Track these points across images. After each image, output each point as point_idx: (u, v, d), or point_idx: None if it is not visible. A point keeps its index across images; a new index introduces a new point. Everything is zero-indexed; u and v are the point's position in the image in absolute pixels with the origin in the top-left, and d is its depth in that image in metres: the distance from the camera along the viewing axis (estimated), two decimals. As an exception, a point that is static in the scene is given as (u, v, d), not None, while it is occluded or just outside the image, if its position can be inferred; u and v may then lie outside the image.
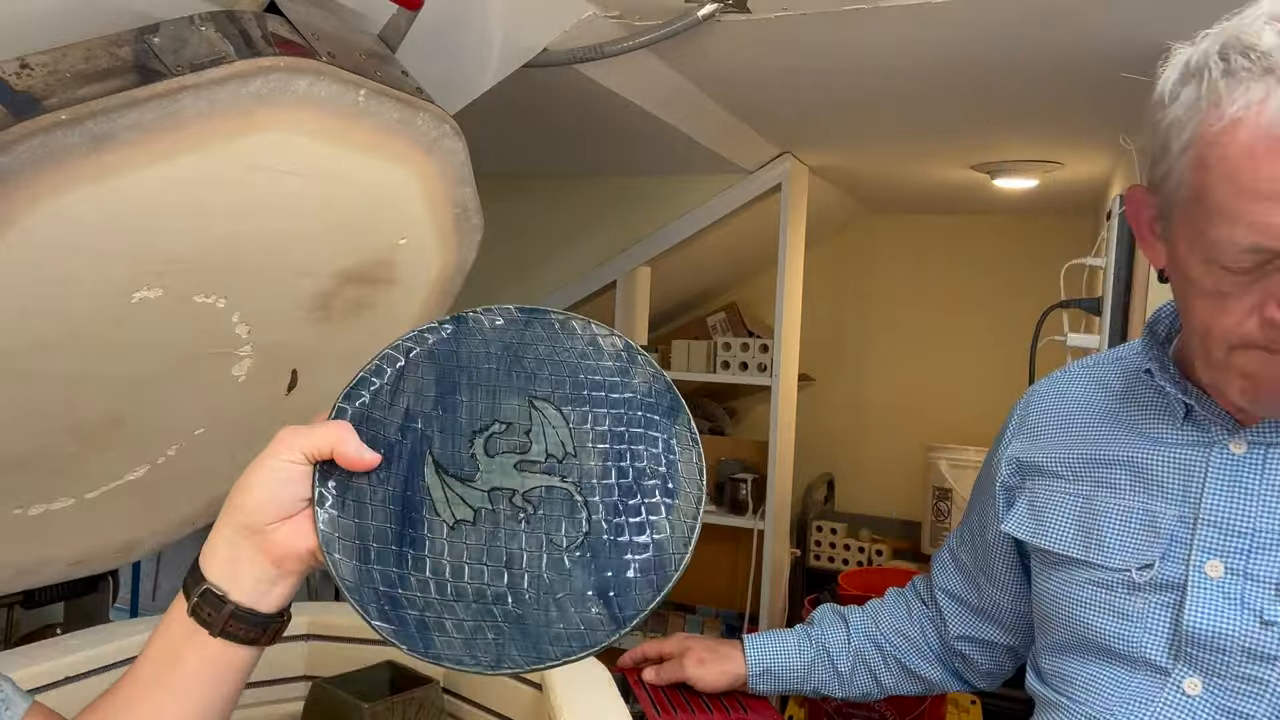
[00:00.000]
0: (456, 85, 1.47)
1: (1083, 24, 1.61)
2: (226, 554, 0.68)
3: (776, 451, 2.96)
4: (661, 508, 0.71)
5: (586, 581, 0.69)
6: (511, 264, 3.26)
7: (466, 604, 0.68)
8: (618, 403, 0.73)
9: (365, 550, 0.68)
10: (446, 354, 0.74)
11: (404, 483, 0.71)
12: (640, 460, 0.72)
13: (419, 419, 0.73)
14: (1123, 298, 1.70)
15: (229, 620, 0.67)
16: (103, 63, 0.90)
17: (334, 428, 0.69)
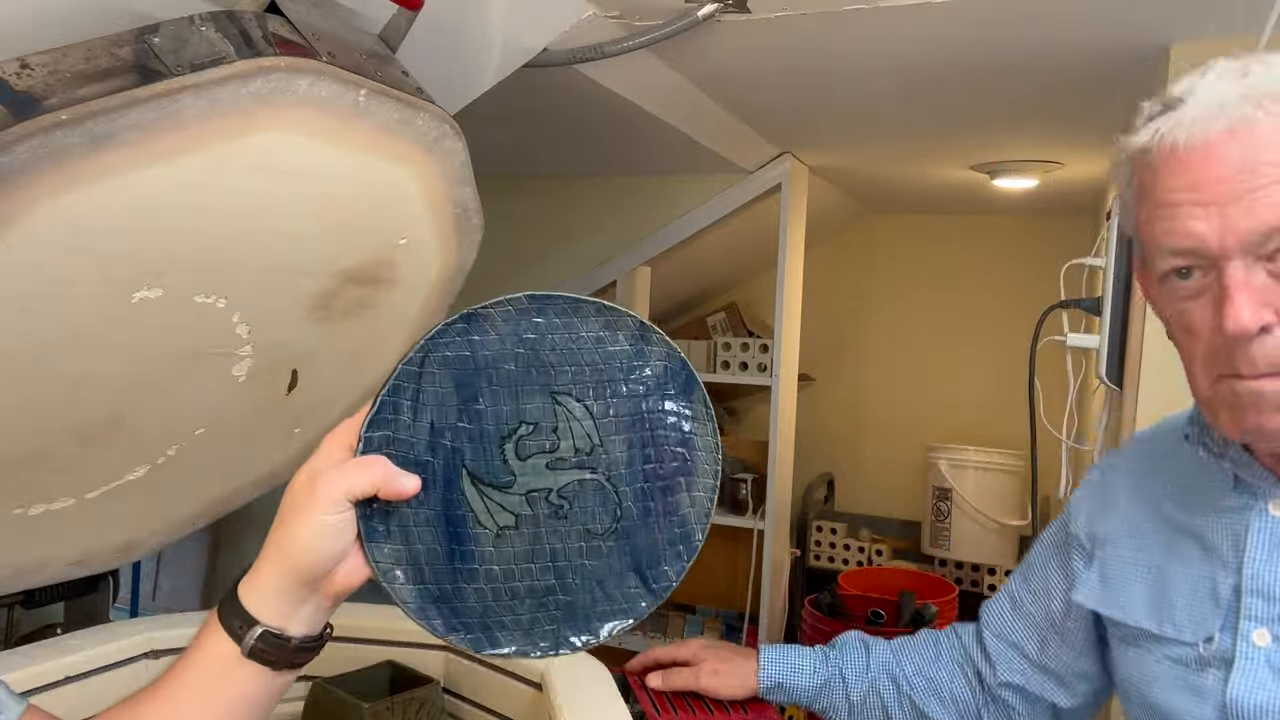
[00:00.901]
0: (456, 85, 1.47)
1: (1083, 24, 1.61)
2: (279, 599, 0.69)
3: (776, 451, 2.96)
4: (683, 482, 0.76)
5: (624, 562, 0.75)
6: (511, 264, 3.26)
7: (521, 600, 0.73)
8: (635, 386, 0.76)
9: (420, 571, 0.71)
10: (462, 359, 0.73)
11: (444, 500, 0.72)
12: (661, 440, 0.76)
13: (447, 433, 0.73)
14: (1123, 298, 1.70)
15: (294, 654, 0.69)
16: (103, 63, 0.90)
17: (371, 467, 0.68)
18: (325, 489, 0.67)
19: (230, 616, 0.68)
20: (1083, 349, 1.80)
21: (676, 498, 0.76)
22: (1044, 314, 1.84)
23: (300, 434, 1.49)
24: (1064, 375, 1.85)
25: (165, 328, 1.12)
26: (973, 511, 3.41)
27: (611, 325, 0.75)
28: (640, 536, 0.75)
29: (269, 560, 0.69)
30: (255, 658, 0.68)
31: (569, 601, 0.74)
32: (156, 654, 1.33)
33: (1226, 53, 1.61)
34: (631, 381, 0.76)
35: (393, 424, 0.71)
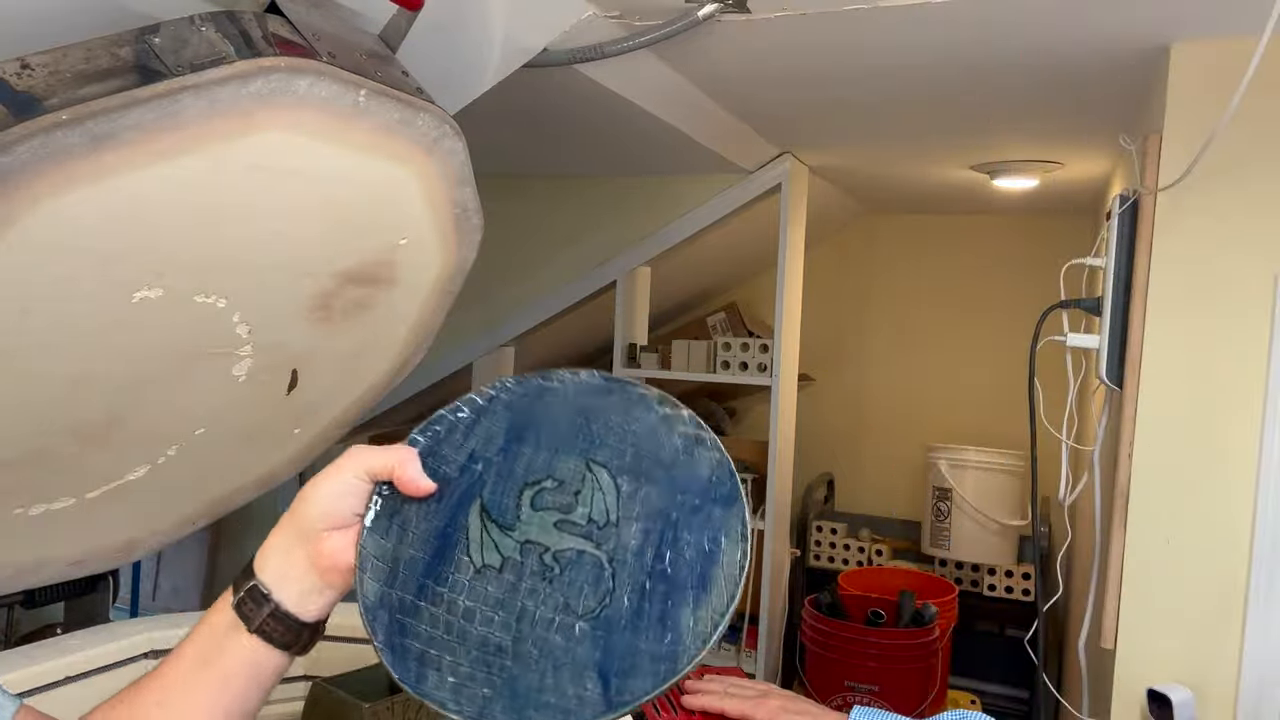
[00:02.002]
0: (456, 85, 1.47)
1: (1083, 24, 1.61)
2: (280, 558, 0.71)
3: (776, 451, 2.96)
4: (690, 600, 0.68)
5: (591, 657, 0.67)
6: (511, 264, 3.26)
7: (468, 649, 0.68)
8: (675, 483, 0.72)
9: (393, 575, 0.70)
10: (524, 408, 0.75)
11: (449, 519, 0.72)
12: (682, 546, 0.70)
13: (480, 462, 0.74)
14: (1123, 298, 1.70)
15: (267, 619, 0.69)
16: (103, 63, 0.90)
17: (399, 451, 0.71)
18: (352, 454, 0.71)
19: (240, 576, 0.71)
20: (1083, 349, 1.80)
21: (678, 611, 0.68)
22: (1044, 314, 1.84)
23: (300, 434, 1.49)
24: (1064, 375, 1.85)
25: (165, 328, 1.12)
26: (973, 511, 3.41)
27: (669, 422, 0.74)
28: (621, 636, 0.67)
29: (283, 519, 0.72)
30: (238, 610, 0.69)
31: (514, 675, 0.67)
32: (156, 654, 1.33)
33: (1226, 53, 1.62)
34: (673, 477, 0.72)
35: (440, 437, 0.74)
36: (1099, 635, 1.75)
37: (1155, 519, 1.70)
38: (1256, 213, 1.63)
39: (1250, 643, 1.63)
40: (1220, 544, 1.65)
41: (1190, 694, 1.63)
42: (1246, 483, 1.64)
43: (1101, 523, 1.84)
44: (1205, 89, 1.62)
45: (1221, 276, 1.65)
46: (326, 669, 1.38)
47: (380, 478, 0.71)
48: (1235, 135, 1.57)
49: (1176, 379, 1.69)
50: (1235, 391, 1.65)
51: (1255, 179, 1.62)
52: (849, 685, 2.69)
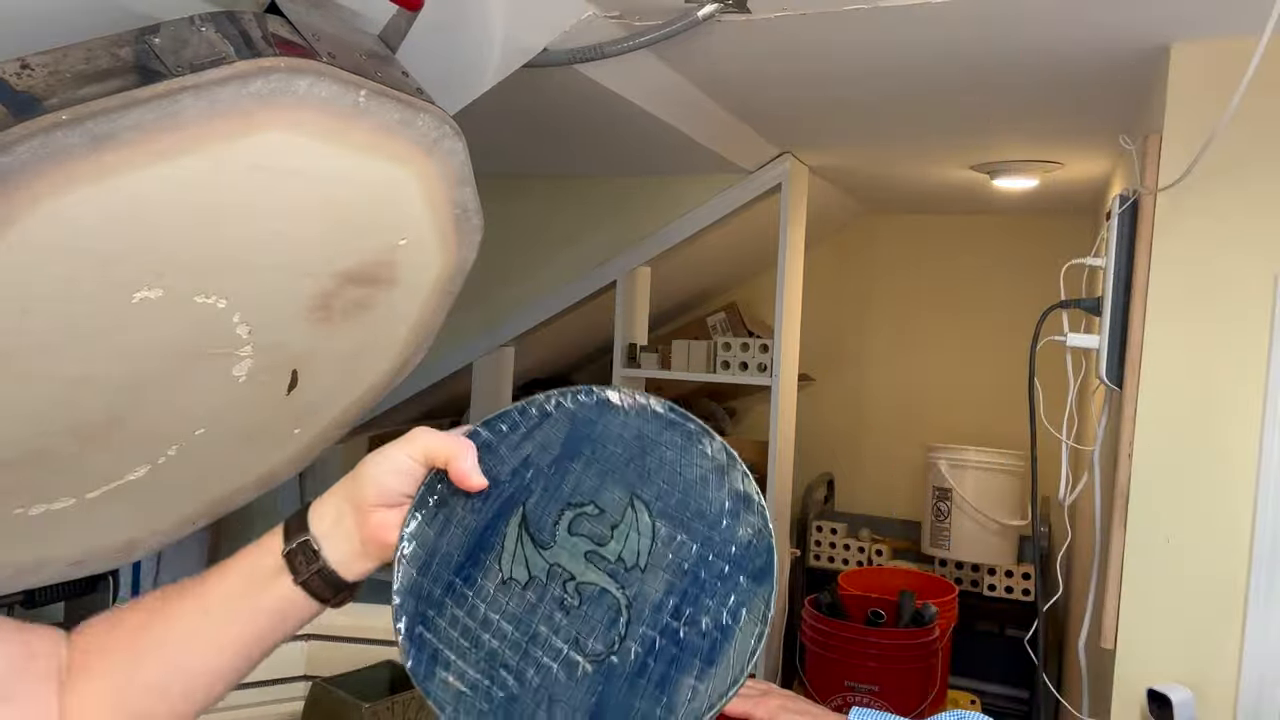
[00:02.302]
0: (456, 85, 1.47)
1: (1083, 24, 1.61)
2: (333, 517, 0.73)
3: (776, 451, 2.96)
4: (694, 672, 0.68)
5: (586, 701, 0.68)
6: (512, 264, 3.26)
7: (478, 659, 0.69)
8: (712, 541, 0.71)
9: (428, 565, 0.71)
10: (585, 421, 0.75)
11: (490, 522, 0.73)
12: (702, 610, 0.69)
13: (531, 470, 0.74)
14: (1123, 298, 1.70)
15: (314, 575, 0.72)
16: (103, 63, 0.90)
17: (459, 442, 0.73)
18: (414, 435, 0.73)
19: (291, 521, 0.74)
20: (1083, 349, 1.80)
21: (680, 678, 0.67)
22: (1044, 314, 1.84)
23: (300, 434, 1.49)
24: (1064, 375, 1.85)
25: (165, 328, 1.12)
26: (973, 511, 3.41)
27: (722, 472, 0.73)
28: (618, 689, 0.68)
29: (341, 483, 0.75)
30: (288, 559, 0.72)
31: (513, 696, 0.68)
32: (156, 654, 1.33)
33: (1226, 53, 1.62)
34: (711, 536, 0.71)
35: (501, 435, 0.75)
36: (1099, 635, 1.75)
37: (1155, 519, 1.70)
38: (1256, 213, 1.63)
39: (1250, 643, 1.63)
40: (1220, 544, 1.66)
41: (1190, 694, 1.63)
42: (1246, 483, 1.64)
43: (1101, 523, 1.84)
44: (1205, 89, 1.62)
45: (1221, 277, 1.65)
46: (326, 669, 1.38)
47: (437, 464, 0.72)
48: (1235, 135, 1.57)
49: (1176, 379, 1.69)
50: (1235, 391, 1.65)
51: (1255, 179, 1.62)
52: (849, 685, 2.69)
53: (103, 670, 0.72)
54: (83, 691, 0.71)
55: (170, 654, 0.72)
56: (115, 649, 0.72)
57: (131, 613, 0.74)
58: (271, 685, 1.40)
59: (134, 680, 0.72)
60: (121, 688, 0.72)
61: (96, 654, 0.72)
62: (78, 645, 0.73)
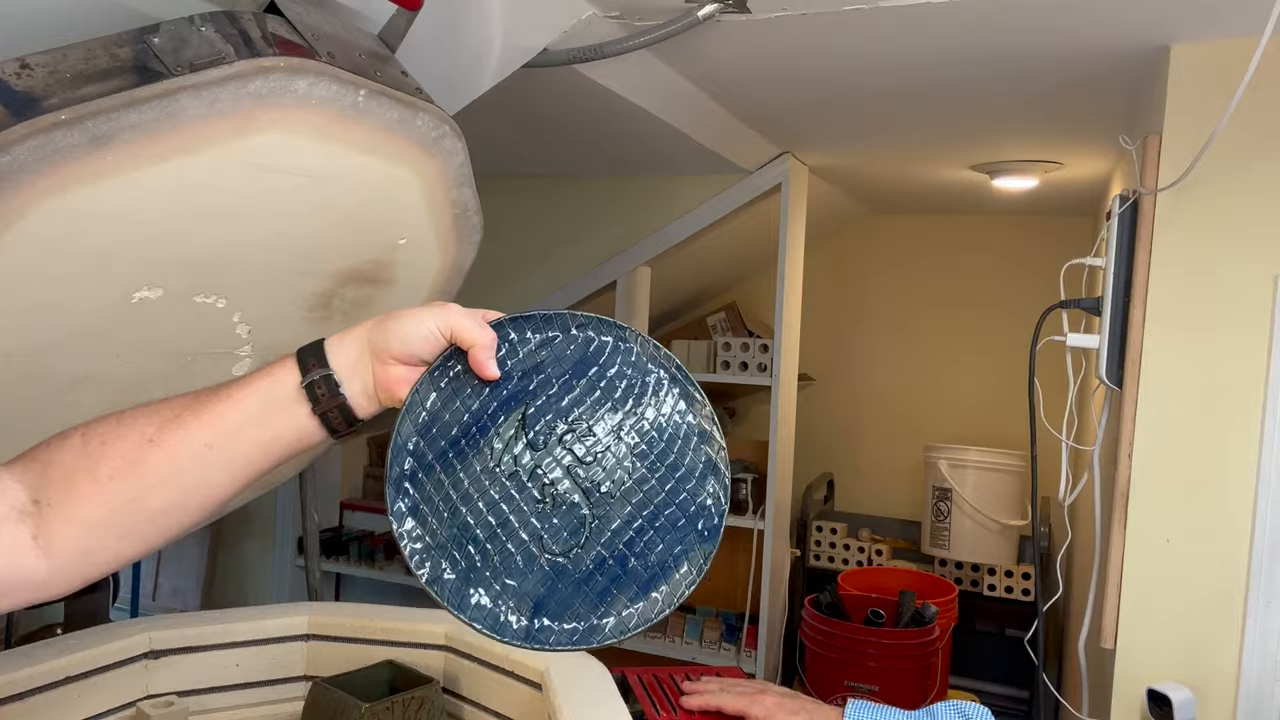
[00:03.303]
0: (456, 85, 1.47)
1: (1083, 24, 1.61)
2: (354, 356, 0.77)
3: (776, 451, 2.96)
4: (631, 593, 0.78)
5: (536, 590, 0.77)
6: (512, 264, 3.26)
7: (452, 525, 0.76)
8: (677, 494, 0.79)
9: (428, 428, 0.77)
10: (601, 351, 0.81)
11: (491, 410, 0.78)
12: (651, 547, 0.78)
13: (540, 376, 0.79)
14: (1123, 298, 1.70)
15: (334, 407, 0.75)
16: (103, 63, 0.90)
17: (484, 331, 0.77)
18: (442, 311, 0.77)
19: (307, 354, 0.77)
20: (1083, 349, 1.80)
21: (618, 595, 0.77)
22: (1044, 314, 1.84)
23: (300, 434, 1.49)
24: (1064, 375, 1.85)
25: (165, 328, 1.12)
26: (973, 511, 3.41)
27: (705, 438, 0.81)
28: (564, 587, 0.77)
29: (363, 326, 0.78)
30: (309, 390, 0.74)
31: (474, 565, 0.76)
32: (156, 654, 1.33)
33: (1226, 53, 1.62)
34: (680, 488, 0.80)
35: (521, 337, 0.80)
36: (1099, 635, 1.75)
37: (1155, 519, 1.70)
38: (1256, 213, 1.63)
39: (1250, 643, 1.63)
40: (1220, 544, 1.66)
41: (1190, 694, 1.63)
42: (1246, 483, 1.64)
43: (1101, 523, 1.84)
44: (1205, 89, 1.62)
45: (1221, 277, 1.65)
46: (326, 669, 1.38)
47: (460, 345, 0.76)
48: (1235, 135, 1.57)
49: (1176, 379, 1.69)
50: (1235, 391, 1.65)
51: (1255, 179, 1.62)
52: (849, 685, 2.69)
53: (97, 495, 0.70)
54: (75, 514, 0.70)
55: (180, 483, 0.73)
56: (108, 475, 0.71)
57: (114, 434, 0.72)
58: (271, 685, 1.40)
59: (139, 505, 0.72)
60: (121, 510, 0.71)
61: (85, 478, 0.70)
62: (51, 465, 0.71)
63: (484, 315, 0.79)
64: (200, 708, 1.35)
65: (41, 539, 0.70)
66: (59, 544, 0.70)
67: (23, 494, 0.70)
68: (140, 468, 0.71)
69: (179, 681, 1.34)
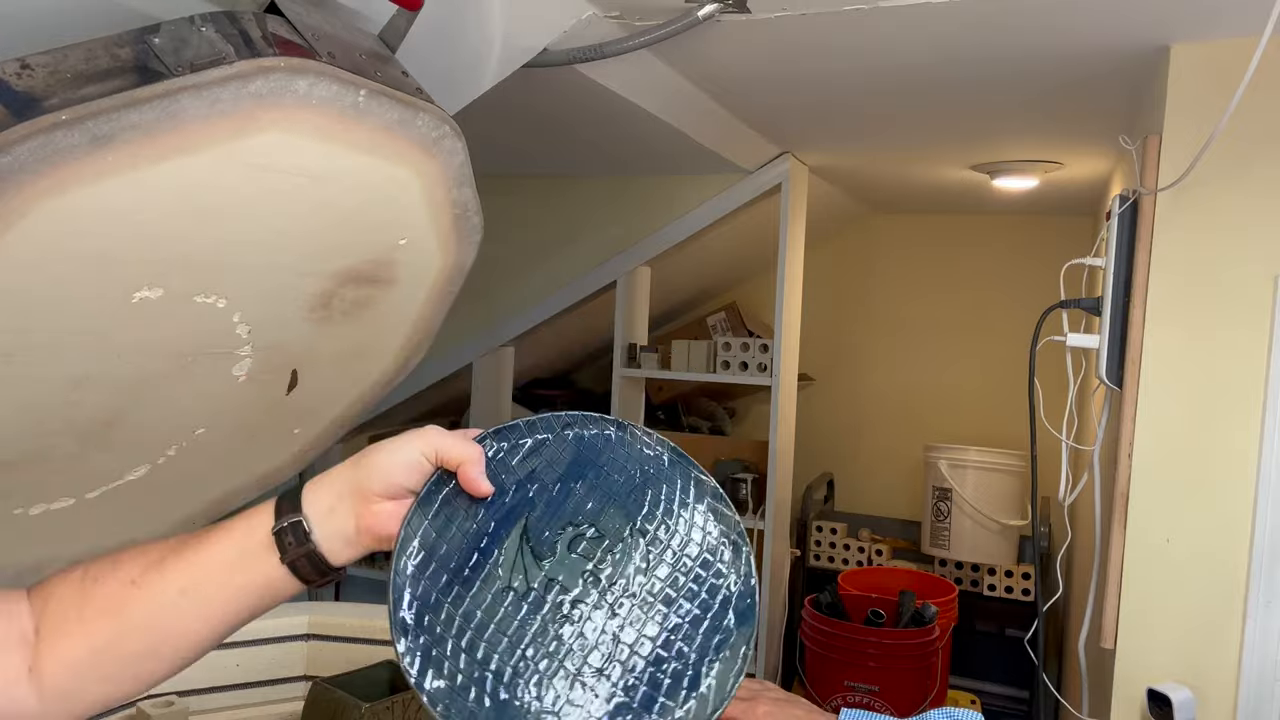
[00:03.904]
0: (456, 85, 1.47)
1: (1083, 24, 1.61)
2: (328, 502, 0.73)
3: (776, 451, 2.96)
4: (673, 703, 0.71)
5: (579, 712, 0.70)
6: (511, 264, 3.26)
7: (471, 659, 0.70)
8: (702, 580, 0.75)
9: (428, 563, 0.72)
10: (593, 448, 0.78)
11: (491, 528, 0.74)
12: (686, 644, 0.73)
13: (535, 485, 0.76)
14: (1123, 298, 1.70)
15: (302, 556, 0.72)
16: (103, 63, 0.90)
17: (470, 448, 0.73)
18: (428, 434, 0.74)
19: (285, 500, 0.74)
20: (1083, 349, 1.80)
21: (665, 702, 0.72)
22: (1044, 314, 1.84)
23: (300, 434, 1.49)
24: (1064, 375, 1.85)
25: (165, 328, 1.12)
26: (973, 511, 3.41)
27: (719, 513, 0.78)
28: (607, 702, 0.71)
29: (342, 465, 0.75)
30: (277, 537, 0.72)
31: (503, 702, 0.69)
32: (156, 654, 1.33)
33: (1226, 53, 1.62)
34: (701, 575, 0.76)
35: (509, 446, 0.76)
36: (1099, 635, 1.75)
37: (1155, 519, 1.70)
38: (1256, 213, 1.63)
39: (1250, 643, 1.63)
40: (1220, 544, 1.66)
41: (1190, 694, 1.63)
42: (1246, 483, 1.64)
43: (1101, 523, 1.84)
44: (1205, 89, 1.63)
45: (1221, 277, 1.65)
46: (326, 669, 1.38)
47: (447, 466, 0.73)
48: (1235, 135, 1.57)
49: (1176, 379, 1.69)
50: (1235, 391, 1.65)
51: (1255, 179, 1.62)
52: (849, 685, 2.69)
53: (81, 635, 0.71)
54: (60, 652, 0.71)
55: (155, 627, 0.72)
56: (94, 616, 0.72)
57: (107, 573, 0.73)
58: (271, 685, 1.40)
59: (117, 648, 0.72)
60: (101, 653, 0.72)
61: (74, 616, 0.72)
62: (51, 599, 0.73)
63: (465, 434, 0.76)
64: (200, 708, 1.35)
65: (35, 672, 0.71)
66: (47, 680, 0.71)
67: (31, 623, 0.72)
68: (121, 610, 0.71)
69: (179, 681, 1.34)
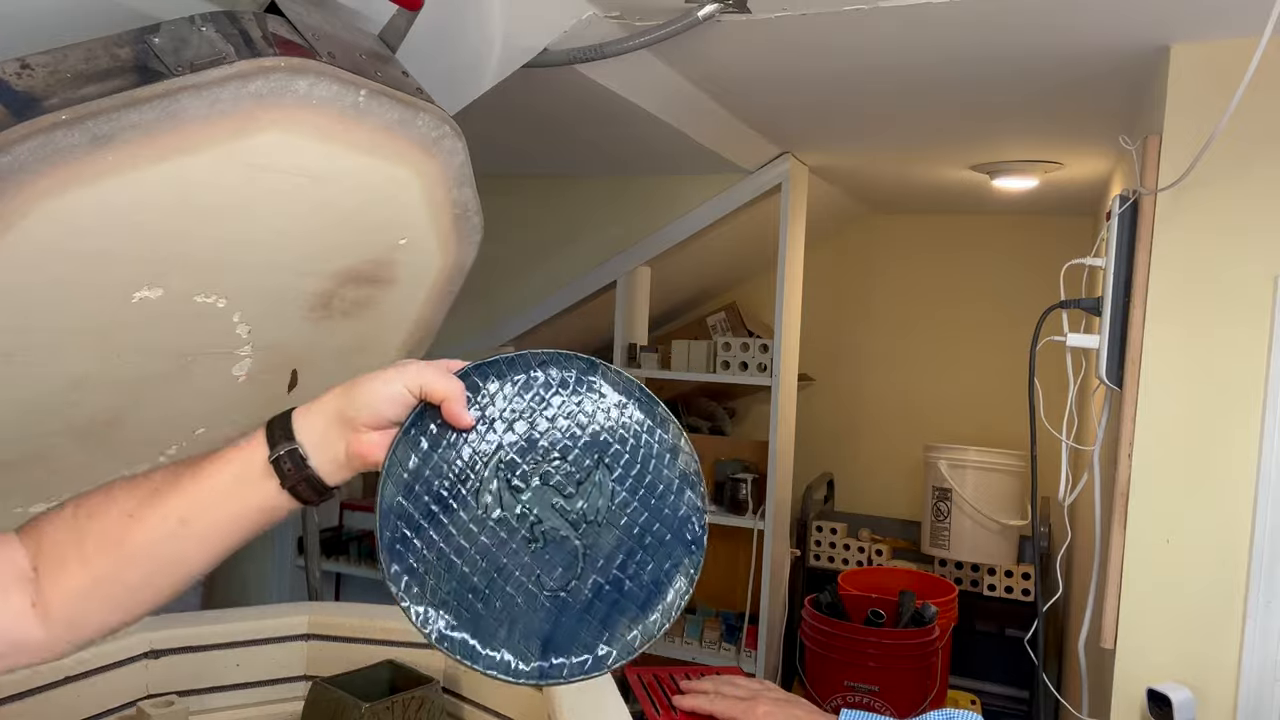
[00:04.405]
0: (456, 85, 1.47)
1: (1083, 24, 1.61)
2: (320, 428, 0.77)
3: (776, 451, 2.96)
4: (632, 613, 0.81)
5: (542, 627, 0.79)
6: (511, 264, 3.26)
7: (450, 578, 0.77)
8: (660, 511, 0.83)
9: (410, 489, 0.77)
10: (565, 387, 0.83)
11: (471, 460, 0.79)
12: (643, 568, 0.82)
13: (514, 419, 0.81)
14: (1123, 298, 1.70)
15: (301, 480, 0.76)
16: (103, 63, 0.90)
17: (453, 383, 0.77)
18: (412, 368, 0.77)
19: (275, 427, 0.77)
20: (1083, 349, 1.80)
21: (619, 618, 0.80)
22: (1044, 314, 1.84)
23: (300, 434, 1.49)
24: (1064, 375, 1.85)
25: (165, 328, 1.12)
26: (973, 511, 3.41)
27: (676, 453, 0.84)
28: (569, 619, 0.79)
29: (329, 395, 0.78)
30: (276, 465, 0.75)
31: (479, 616, 0.77)
32: (156, 654, 1.33)
33: (1226, 53, 1.62)
34: (661, 505, 0.83)
35: (489, 381, 0.81)
36: (1099, 635, 1.75)
37: (1155, 519, 1.70)
38: (1256, 213, 1.63)
39: (1250, 643, 1.63)
40: (1220, 544, 1.66)
41: (1190, 694, 1.63)
42: (1246, 483, 1.64)
43: (1101, 523, 1.84)
44: (1205, 89, 1.62)
45: (1221, 277, 1.65)
46: (326, 669, 1.38)
47: (430, 400, 0.77)
48: (1235, 135, 1.57)
49: (1176, 379, 1.69)
50: (1235, 391, 1.65)
51: (1255, 179, 1.62)
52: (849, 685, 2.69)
53: (81, 568, 0.74)
54: (62, 586, 0.74)
55: (155, 556, 0.75)
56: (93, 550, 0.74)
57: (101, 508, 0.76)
58: (271, 685, 1.40)
59: (118, 578, 0.75)
60: (103, 584, 0.75)
61: (73, 552, 0.74)
62: (45, 538, 0.75)
63: (448, 365, 0.80)
64: (200, 708, 1.35)
65: (39, 606, 0.74)
66: (52, 613, 0.74)
67: (27, 561, 0.75)
68: (121, 542, 0.74)
69: (179, 681, 1.34)
